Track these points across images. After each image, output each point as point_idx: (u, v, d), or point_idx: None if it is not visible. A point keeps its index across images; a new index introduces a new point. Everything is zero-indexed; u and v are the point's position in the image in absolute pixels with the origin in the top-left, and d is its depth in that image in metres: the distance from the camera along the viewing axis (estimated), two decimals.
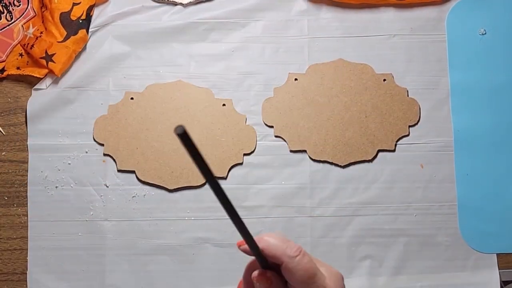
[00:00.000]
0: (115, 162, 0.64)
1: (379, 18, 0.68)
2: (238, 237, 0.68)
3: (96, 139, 0.64)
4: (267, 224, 0.64)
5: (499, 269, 0.64)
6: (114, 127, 0.65)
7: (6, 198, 0.64)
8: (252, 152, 0.64)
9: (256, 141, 0.64)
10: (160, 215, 0.64)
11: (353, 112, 0.65)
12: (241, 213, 0.70)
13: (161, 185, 0.64)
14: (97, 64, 0.66)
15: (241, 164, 0.64)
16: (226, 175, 0.64)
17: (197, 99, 0.65)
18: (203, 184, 0.63)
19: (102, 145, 0.64)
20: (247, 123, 0.65)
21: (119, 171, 0.64)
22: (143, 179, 0.64)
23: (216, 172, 0.63)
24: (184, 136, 0.27)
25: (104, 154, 0.64)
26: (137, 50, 0.66)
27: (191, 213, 0.64)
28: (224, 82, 0.66)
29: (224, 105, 0.65)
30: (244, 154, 0.64)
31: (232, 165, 0.64)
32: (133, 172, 0.64)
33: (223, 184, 0.61)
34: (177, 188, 0.64)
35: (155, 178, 0.64)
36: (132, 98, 0.65)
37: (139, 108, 0.65)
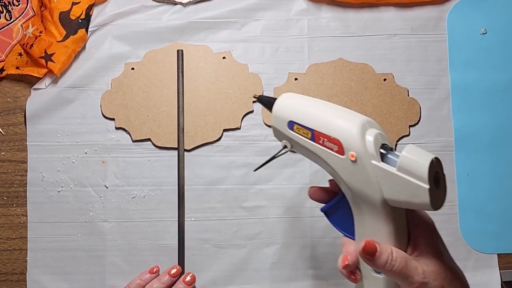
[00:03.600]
0: (129, 134, 0.64)
1: (379, 17, 0.68)
2: (239, 238, 0.68)
3: (106, 115, 0.65)
4: (267, 224, 0.63)
5: (499, 269, 0.64)
6: (121, 100, 0.65)
7: (5, 198, 0.64)
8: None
9: (262, 86, 0.65)
10: (160, 216, 0.64)
11: None
12: (241, 213, 0.70)
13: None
14: (97, 64, 0.66)
15: (252, 112, 0.65)
16: (239, 125, 0.65)
17: (196, 57, 0.66)
18: (219, 139, 0.64)
19: (113, 119, 0.64)
20: (250, 71, 0.66)
21: (134, 141, 0.64)
22: (159, 145, 0.64)
23: (230, 124, 0.65)
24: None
25: (116, 128, 0.64)
26: (137, 50, 0.66)
27: (191, 213, 0.63)
28: None
29: (224, 58, 0.66)
30: (253, 102, 0.65)
31: (244, 114, 0.65)
32: (148, 140, 0.64)
33: (237, 132, 0.65)
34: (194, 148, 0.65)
35: (171, 141, 0.64)
36: (133, 69, 0.65)
37: (141, 76, 0.65)
